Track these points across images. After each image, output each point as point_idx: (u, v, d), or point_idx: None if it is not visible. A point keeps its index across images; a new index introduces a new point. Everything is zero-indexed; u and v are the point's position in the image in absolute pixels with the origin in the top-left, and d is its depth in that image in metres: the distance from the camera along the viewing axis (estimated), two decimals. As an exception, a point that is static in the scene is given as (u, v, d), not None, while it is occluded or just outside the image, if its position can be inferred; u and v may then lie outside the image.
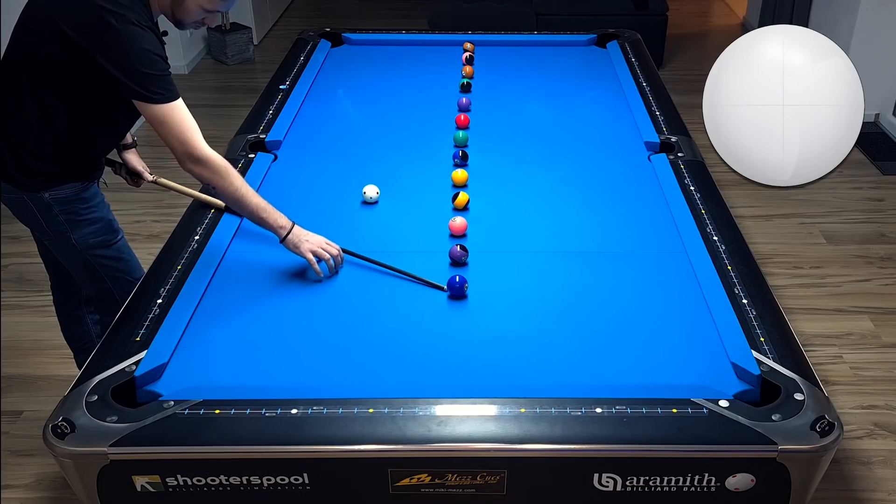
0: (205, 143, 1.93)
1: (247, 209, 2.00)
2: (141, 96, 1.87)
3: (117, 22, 1.81)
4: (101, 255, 2.19)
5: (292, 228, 1.99)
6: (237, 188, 1.97)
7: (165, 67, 1.90)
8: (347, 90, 3.11)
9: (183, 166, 1.94)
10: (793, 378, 1.58)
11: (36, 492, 2.42)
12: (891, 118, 4.67)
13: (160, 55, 1.90)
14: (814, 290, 3.34)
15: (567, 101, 3.01)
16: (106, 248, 2.19)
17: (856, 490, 2.41)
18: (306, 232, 2.00)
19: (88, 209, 2.13)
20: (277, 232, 1.99)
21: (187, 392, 1.57)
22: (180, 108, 1.91)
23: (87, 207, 2.12)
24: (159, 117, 1.88)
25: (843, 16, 4.70)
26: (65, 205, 2.08)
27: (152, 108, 1.88)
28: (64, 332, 2.55)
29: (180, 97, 1.91)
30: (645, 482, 1.49)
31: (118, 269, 2.24)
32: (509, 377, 1.66)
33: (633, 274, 2.00)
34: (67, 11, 1.85)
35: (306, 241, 1.98)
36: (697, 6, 7.14)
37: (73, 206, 2.09)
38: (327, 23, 4.60)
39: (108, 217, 2.21)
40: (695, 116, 2.74)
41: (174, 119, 1.89)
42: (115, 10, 1.82)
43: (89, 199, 2.12)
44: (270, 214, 1.99)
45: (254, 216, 2.00)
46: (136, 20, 1.85)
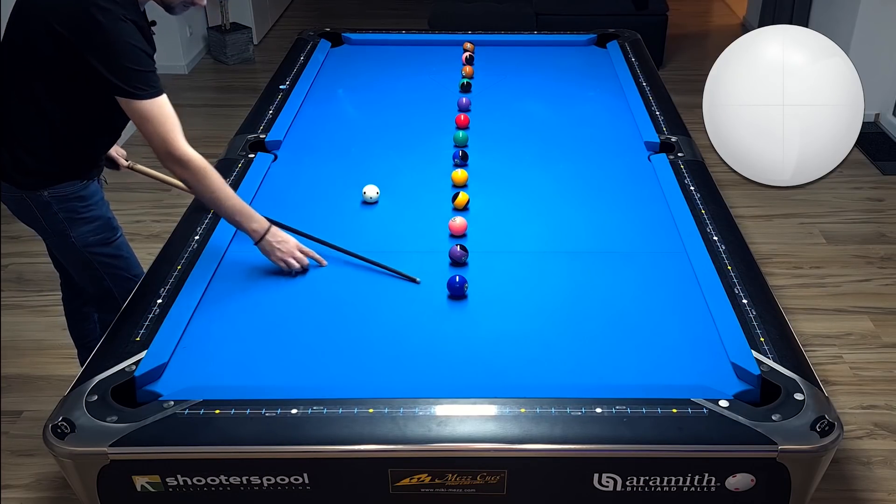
0: (186, 143, 1.93)
1: (221, 212, 2.00)
2: (124, 92, 1.86)
3: (104, 17, 1.81)
4: (101, 253, 2.19)
5: (267, 233, 1.98)
6: (213, 191, 1.96)
7: (151, 63, 1.90)
8: (347, 90, 3.11)
9: (163, 164, 1.95)
10: (793, 378, 1.58)
11: (36, 492, 2.42)
12: (891, 118, 4.67)
13: (146, 51, 1.90)
14: (814, 290, 3.34)
15: (567, 101, 3.01)
16: (105, 245, 2.20)
17: (856, 490, 2.41)
18: (281, 235, 2.00)
19: (87, 207, 2.13)
20: (251, 236, 1.99)
21: (187, 392, 1.57)
22: (163, 105, 1.90)
23: (85, 206, 2.12)
24: (142, 114, 1.87)
25: (843, 16, 4.70)
26: (64, 203, 2.08)
27: (135, 105, 1.87)
28: (70, 330, 2.55)
29: (164, 94, 1.91)
30: (645, 482, 1.49)
31: (118, 266, 2.24)
32: (509, 377, 1.66)
33: (633, 274, 2.00)
34: (57, 7, 1.84)
35: (278, 251, 1.98)
36: (697, 6, 7.14)
37: (72, 204, 2.09)
38: (327, 23, 4.60)
39: (108, 215, 2.21)
40: (695, 116, 2.74)
41: (157, 116, 1.88)
42: (104, 4, 1.81)
43: (88, 198, 2.13)
44: (245, 218, 1.99)
45: (229, 219, 2.01)
46: (124, 15, 1.84)
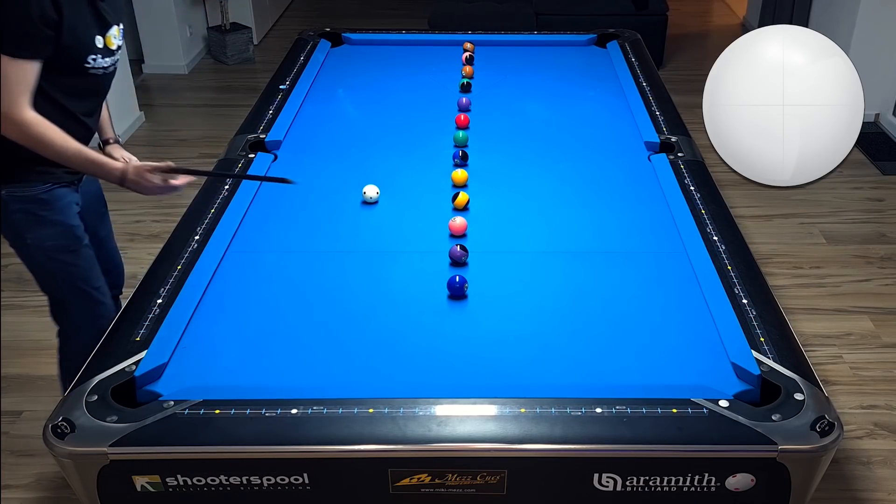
0: (28, 107, 1.85)
1: (74, 168, 2.00)
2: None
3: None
4: (58, 259, 2.15)
5: (125, 178, 2.00)
6: (58, 153, 1.92)
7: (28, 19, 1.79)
8: (347, 90, 3.11)
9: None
10: (793, 378, 1.58)
11: (36, 492, 2.42)
12: (891, 118, 4.67)
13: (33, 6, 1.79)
14: (814, 290, 3.34)
15: (567, 101, 3.01)
16: (64, 252, 2.15)
17: (856, 490, 2.41)
18: (142, 177, 2.01)
19: (49, 211, 2.09)
20: (113, 181, 2.01)
21: (187, 392, 1.57)
22: (12, 66, 1.79)
23: (47, 209, 2.08)
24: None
25: (843, 16, 4.70)
26: (22, 203, 2.05)
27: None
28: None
29: (29, 59, 1.82)
30: (645, 482, 1.49)
31: (75, 276, 2.19)
32: (509, 377, 1.66)
33: (633, 274, 2.00)
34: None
35: (145, 189, 2.02)
36: (697, 6, 7.14)
37: (30, 206, 2.06)
38: (327, 23, 4.60)
39: (72, 223, 2.15)
40: (695, 116, 2.74)
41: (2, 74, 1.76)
42: None
43: (51, 202, 2.08)
44: (100, 171, 2.00)
45: (85, 171, 2.03)
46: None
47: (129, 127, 4.61)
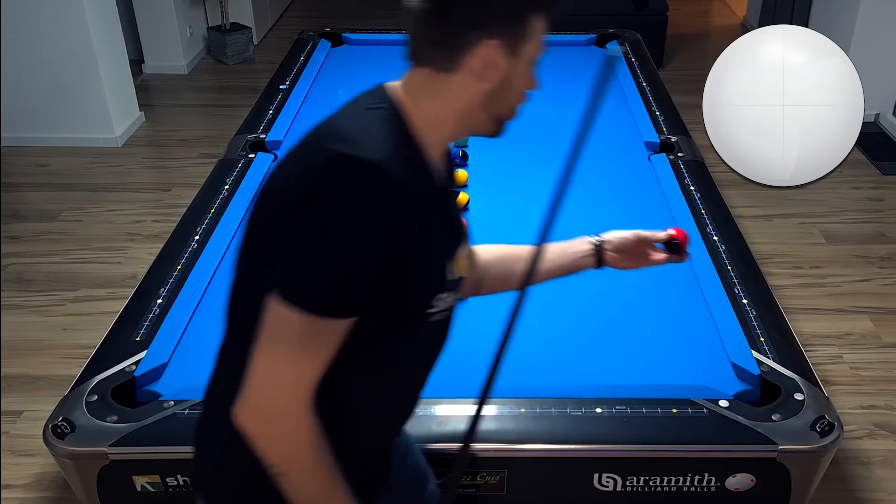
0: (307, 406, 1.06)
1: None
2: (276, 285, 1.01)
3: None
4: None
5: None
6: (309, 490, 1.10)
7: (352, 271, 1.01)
8: (347, 90, 3.09)
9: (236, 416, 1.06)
10: (793, 378, 1.58)
11: (36, 492, 2.42)
12: (891, 118, 4.67)
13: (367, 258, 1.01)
14: (814, 290, 3.33)
15: (567, 101, 3.00)
16: None
17: (856, 490, 2.40)
18: None
19: None
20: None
21: (187, 392, 1.57)
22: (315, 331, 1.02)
23: None
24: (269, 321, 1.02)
25: (843, 16, 4.70)
26: None
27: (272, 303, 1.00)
28: None
29: (340, 321, 1.04)
30: (645, 482, 1.49)
31: None
32: (509, 377, 1.66)
33: (633, 274, 1.99)
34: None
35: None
36: (697, 6, 7.14)
37: None
38: (327, 23, 4.59)
39: None
40: (695, 116, 2.73)
41: (285, 337, 1.01)
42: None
43: None
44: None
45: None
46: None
47: (129, 127, 4.61)
